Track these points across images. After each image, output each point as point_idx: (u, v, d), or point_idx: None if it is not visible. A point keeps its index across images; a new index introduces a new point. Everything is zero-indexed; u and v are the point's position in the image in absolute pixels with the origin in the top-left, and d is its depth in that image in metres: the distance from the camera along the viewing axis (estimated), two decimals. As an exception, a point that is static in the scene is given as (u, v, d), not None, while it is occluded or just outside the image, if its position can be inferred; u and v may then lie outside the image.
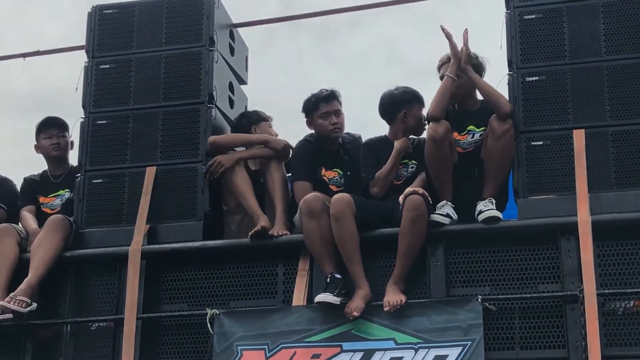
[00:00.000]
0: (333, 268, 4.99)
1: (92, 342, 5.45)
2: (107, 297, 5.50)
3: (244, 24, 6.66)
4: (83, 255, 5.59)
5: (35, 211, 6.00)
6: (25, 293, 5.24)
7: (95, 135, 5.89)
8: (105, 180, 5.79)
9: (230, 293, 5.34)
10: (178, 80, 5.88)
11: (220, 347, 5.03)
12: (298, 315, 4.99)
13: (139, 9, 6.06)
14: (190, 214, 5.59)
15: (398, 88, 5.64)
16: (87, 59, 6.07)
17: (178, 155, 5.74)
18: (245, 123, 6.01)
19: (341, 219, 4.98)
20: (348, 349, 4.86)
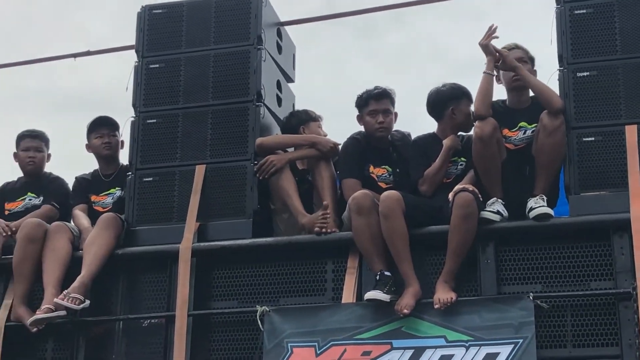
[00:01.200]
0: (382, 265, 4.98)
1: (144, 338, 5.52)
2: (158, 294, 5.55)
3: (291, 22, 6.67)
4: (134, 252, 5.65)
5: (87, 210, 6.07)
6: (79, 290, 5.31)
7: (145, 134, 5.94)
8: (156, 178, 5.84)
9: (279, 290, 5.36)
10: (226, 78, 5.91)
11: (271, 344, 5.06)
12: (348, 313, 4.99)
13: (188, 9, 6.10)
14: (240, 212, 5.63)
15: (445, 84, 5.62)
16: (136, 58, 6.12)
17: (227, 154, 5.77)
18: (294, 122, 6.02)
19: (390, 216, 4.97)
20: (398, 346, 4.86)
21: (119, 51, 6.96)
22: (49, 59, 7.36)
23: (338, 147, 5.75)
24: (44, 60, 7.38)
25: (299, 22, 6.86)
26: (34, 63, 7.41)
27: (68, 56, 7.21)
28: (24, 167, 6.33)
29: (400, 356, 4.84)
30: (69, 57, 7.19)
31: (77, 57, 7.14)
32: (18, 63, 7.46)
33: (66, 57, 7.21)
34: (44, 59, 7.38)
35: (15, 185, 6.35)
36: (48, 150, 6.40)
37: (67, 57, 7.21)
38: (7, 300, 5.66)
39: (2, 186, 6.38)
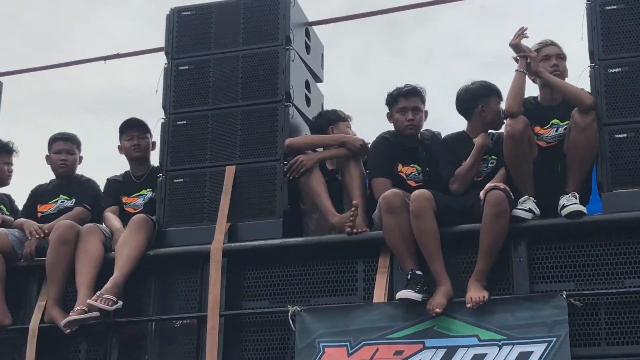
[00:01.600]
0: (414, 264, 4.98)
1: (176, 339, 5.54)
2: (190, 295, 5.57)
3: (319, 22, 6.67)
4: (166, 253, 5.68)
5: (118, 211, 6.11)
6: (112, 291, 5.34)
7: (175, 135, 5.97)
8: (186, 179, 5.87)
9: (310, 290, 5.36)
10: (255, 79, 5.93)
11: (303, 344, 5.06)
12: (379, 312, 4.99)
13: (217, 10, 6.13)
14: (270, 212, 5.64)
15: (474, 82, 5.61)
16: (166, 60, 6.16)
17: (257, 154, 5.79)
18: (323, 122, 6.02)
19: (421, 215, 4.96)
20: (430, 345, 4.85)
21: (149, 53, 6.99)
22: (80, 62, 7.42)
23: (367, 146, 5.74)
24: (75, 63, 7.44)
25: (327, 21, 6.86)
26: (65, 66, 7.47)
27: (99, 59, 7.26)
28: (56, 170, 6.38)
29: (432, 355, 4.83)
30: (100, 60, 7.25)
31: (107, 60, 7.20)
32: (50, 66, 7.53)
33: (97, 60, 7.27)
34: (75, 62, 7.44)
35: (48, 187, 6.41)
36: (80, 152, 6.46)
37: (97, 60, 7.27)
38: (41, 301, 5.70)
39: (35, 189, 6.44)
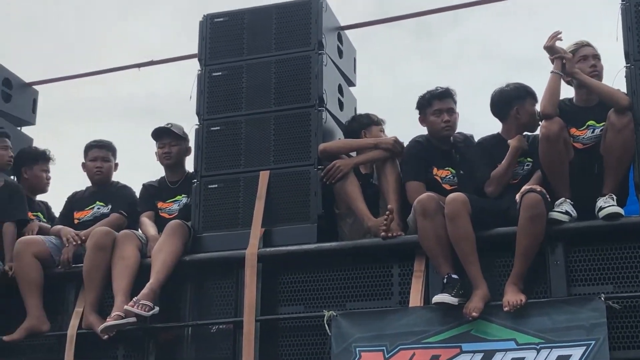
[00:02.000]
0: (450, 268, 4.96)
1: (213, 344, 5.57)
2: (225, 300, 5.59)
3: (351, 26, 6.67)
4: (201, 259, 5.70)
5: (154, 216, 6.14)
6: (148, 297, 5.37)
7: (209, 141, 6.00)
8: (221, 185, 5.89)
9: (346, 294, 5.36)
10: (288, 84, 5.95)
11: (339, 349, 5.05)
12: (415, 316, 4.97)
13: (249, 16, 6.16)
14: (304, 217, 5.65)
15: (509, 84, 5.58)
16: (199, 67, 6.19)
17: (290, 159, 5.80)
18: (356, 126, 6.02)
19: (456, 219, 4.94)
20: (468, 349, 4.82)
21: (182, 60, 7.03)
22: (115, 70, 7.48)
23: (401, 144, 5.72)
24: (109, 70, 7.50)
25: (358, 25, 6.85)
26: (100, 74, 7.53)
27: (133, 66, 7.32)
28: (91, 177, 6.44)
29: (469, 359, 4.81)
30: (134, 67, 7.31)
31: (142, 67, 7.25)
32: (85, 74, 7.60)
33: (131, 67, 7.33)
34: (109, 69, 7.50)
35: (84, 194, 6.46)
36: (115, 159, 6.51)
37: (132, 67, 7.33)
38: (78, 308, 5.75)
39: (71, 196, 6.50)
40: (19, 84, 7.29)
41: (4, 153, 6.41)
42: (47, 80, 7.59)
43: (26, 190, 6.56)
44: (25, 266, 5.83)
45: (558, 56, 5.21)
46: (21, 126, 7.31)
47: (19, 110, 7.27)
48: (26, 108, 7.36)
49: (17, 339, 5.75)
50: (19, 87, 7.28)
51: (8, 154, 6.44)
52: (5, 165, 6.46)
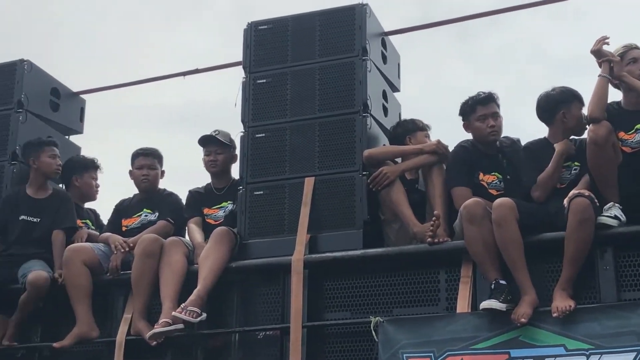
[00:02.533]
0: (497, 274, 4.92)
1: (260, 350, 5.59)
2: (272, 306, 5.61)
3: (395, 31, 6.67)
4: (248, 265, 5.73)
5: (201, 222, 6.18)
6: (195, 304, 5.41)
7: (254, 148, 6.03)
8: (266, 191, 5.92)
9: (392, 301, 5.35)
10: (333, 91, 5.96)
11: (386, 355, 5.04)
12: (463, 322, 4.94)
13: (293, 23, 6.18)
14: (350, 223, 5.65)
15: (555, 88, 5.53)
16: (244, 74, 6.23)
17: (335, 165, 5.82)
18: (401, 132, 6.01)
19: (504, 224, 4.91)
20: (516, 355, 4.78)
21: (226, 68, 7.08)
22: (161, 78, 7.54)
23: (444, 144, 5.70)
24: (155, 79, 7.57)
25: (402, 31, 6.83)
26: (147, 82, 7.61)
27: (178, 75, 7.38)
28: (138, 185, 6.50)
29: (518, 366, 4.77)
30: (179, 76, 7.37)
31: (187, 76, 7.31)
32: (132, 83, 7.66)
33: (176, 76, 7.39)
34: (155, 78, 7.56)
35: (132, 202, 6.53)
36: (162, 167, 6.57)
37: (177, 76, 7.39)
38: (127, 314, 5.81)
39: (119, 203, 6.57)
40: (66, 93, 7.37)
41: (52, 161, 6.50)
42: (94, 90, 7.68)
43: (75, 198, 6.67)
44: (75, 273, 5.90)
45: (606, 59, 5.16)
46: (69, 135, 7.39)
47: (67, 119, 7.35)
48: (74, 117, 7.45)
49: (67, 345, 5.82)
50: (66, 96, 7.36)
51: (56, 162, 6.53)
52: (54, 174, 6.55)
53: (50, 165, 6.49)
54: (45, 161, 6.47)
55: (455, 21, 7.10)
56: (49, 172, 6.50)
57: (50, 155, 6.49)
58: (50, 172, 6.51)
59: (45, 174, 6.50)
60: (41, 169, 6.48)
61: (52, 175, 6.55)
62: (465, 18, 7.06)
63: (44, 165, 6.47)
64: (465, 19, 7.08)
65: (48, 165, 6.49)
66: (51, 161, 6.49)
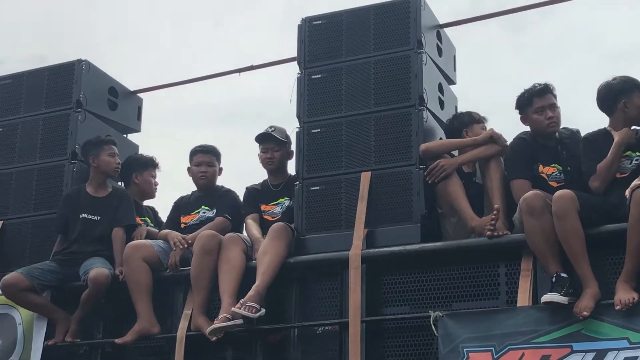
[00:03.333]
0: (558, 267, 4.86)
1: (319, 345, 5.60)
2: (330, 302, 5.61)
3: (450, 24, 6.61)
4: (305, 261, 5.74)
5: (258, 219, 6.20)
6: (254, 299, 5.43)
7: (310, 143, 6.04)
8: (323, 187, 5.92)
9: (451, 295, 5.32)
10: (388, 84, 5.93)
11: (446, 349, 5.01)
12: (524, 316, 4.89)
13: (347, 17, 6.17)
14: (407, 217, 5.63)
15: (615, 78, 5.45)
16: (298, 70, 6.23)
17: (392, 159, 5.79)
18: (457, 125, 5.97)
19: (565, 217, 4.84)
20: (579, 349, 4.71)
21: (281, 64, 7.09)
22: (216, 75, 7.57)
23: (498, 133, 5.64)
24: (211, 77, 7.59)
25: (457, 23, 6.77)
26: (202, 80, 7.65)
27: (233, 72, 7.40)
28: (197, 181, 6.56)
29: (581, 359, 4.70)
30: (235, 73, 7.40)
31: (242, 72, 7.34)
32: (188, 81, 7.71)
33: (232, 73, 7.42)
34: (211, 75, 7.59)
35: (190, 199, 6.59)
36: (220, 164, 6.62)
37: (232, 73, 7.41)
38: (187, 310, 5.85)
39: (177, 200, 6.64)
40: (124, 92, 7.46)
41: (111, 160, 6.58)
42: (151, 88, 7.74)
43: (135, 196, 6.75)
44: (135, 270, 5.97)
45: None
46: (127, 133, 7.48)
47: (125, 118, 7.44)
48: (131, 116, 7.53)
49: (128, 341, 5.89)
50: (124, 95, 7.45)
51: (115, 160, 6.61)
52: (113, 172, 6.63)
53: (109, 164, 6.57)
54: (104, 160, 6.56)
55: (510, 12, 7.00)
56: (109, 170, 6.58)
57: (110, 153, 6.57)
58: (109, 171, 6.59)
59: (105, 172, 6.58)
60: (101, 168, 6.56)
61: (111, 174, 6.63)
62: (519, 9, 6.95)
63: (104, 163, 6.55)
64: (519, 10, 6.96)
65: (107, 164, 6.57)
66: (110, 160, 6.57)
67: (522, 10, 6.95)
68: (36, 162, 6.90)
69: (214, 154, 6.59)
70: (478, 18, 6.82)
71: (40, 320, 6.27)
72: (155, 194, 6.96)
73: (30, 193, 6.84)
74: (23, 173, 6.93)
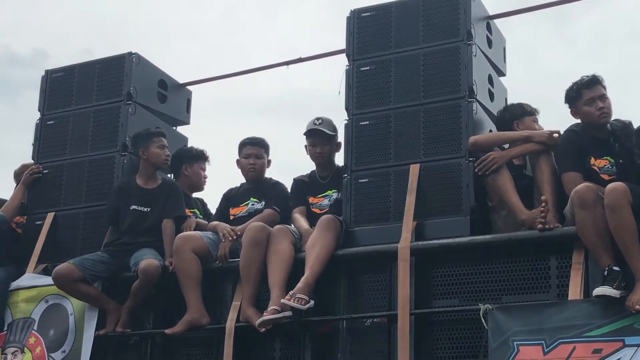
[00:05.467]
0: (610, 260, 4.80)
1: (367, 337, 5.60)
2: (379, 294, 5.61)
3: (500, 15, 6.55)
4: (354, 253, 5.74)
5: (306, 211, 6.22)
6: (303, 291, 5.44)
7: (359, 136, 6.03)
8: (371, 179, 5.91)
9: (501, 288, 5.28)
10: (437, 76, 5.90)
11: (496, 343, 4.97)
12: (575, 310, 4.83)
13: (396, 9, 6.15)
14: (456, 210, 5.60)
15: (669, 70, 5.36)
16: (347, 62, 6.23)
17: (441, 152, 5.76)
18: (508, 117, 5.91)
19: (617, 209, 4.77)
20: (631, 343, 4.65)
21: (330, 56, 7.08)
22: (265, 68, 7.58)
23: (556, 137, 5.58)
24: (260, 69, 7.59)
25: (507, 14, 6.69)
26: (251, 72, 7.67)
27: (281, 64, 7.40)
28: (245, 174, 6.59)
29: (633, 354, 4.63)
30: (283, 65, 7.41)
31: (290, 65, 7.35)
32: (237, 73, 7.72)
33: (280, 65, 7.43)
34: (260, 68, 7.60)
35: (239, 191, 6.62)
36: (268, 156, 6.64)
37: (280, 65, 7.42)
38: (236, 302, 5.88)
39: (227, 192, 6.67)
40: (173, 85, 7.52)
41: (160, 152, 6.64)
42: (200, 81, 7.78)
43: (184, 187, 6.81)
44: (185, 261, 6.01)
45: None
46: (176, 126, 7.54)
47: (174, 111, 7.50)
48: (181, 108, 7.59)
49: (178, 331, 5.94)
50: (173, 88, 7.51)
51: (165, 152, 6.66)
52: (163, 164, 6.69)
53: (159, 156, 6.62)
54: (154, 152, 6.61)
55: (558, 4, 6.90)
56: (158, 162, 6.64)
57: (159, 146, 6.63)
58: (159, 163, 6.64)
59: (155, 164, 6.64)
60: (150, 160, 6.62)
61: (161, 166, 6.69)
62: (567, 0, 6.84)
63: (153, 155, 6.61)
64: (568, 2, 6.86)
65: (157, 156, 6.62)
66: (160, 152, 6.63)
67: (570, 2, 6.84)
68: (87, 154, 6.99)
69: (262, 146, 6.62)
70: (526, 10, 6.73)
71: (91, 311, 6.35)
72: (204, 187, 7.02)
73: (82, 185, 6.93)
74: (74, 165, 7.02)
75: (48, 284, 6.50)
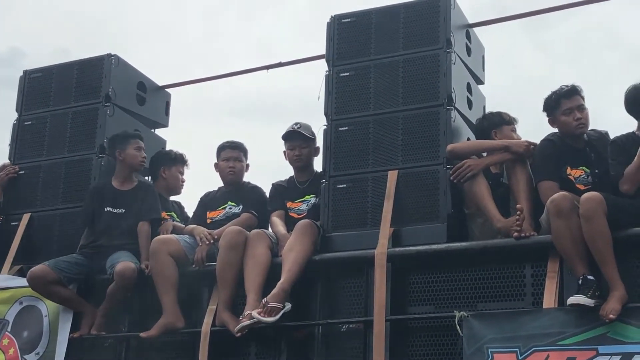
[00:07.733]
0: (585, 269, 4.84)
1: (343, 343, 5.60)
2: (355, 299, 5.61)
3: (479, 23, 6.59)
4: (331, 258, 5.74)
5: (284, 216, 6.21)
6: (278, 298, 5.43)
7: (337, 141, 6.04)
8: (349, 185, 5.92)
9: (477, 295, 5.29)
10: (416, 83, 5.92)
11: (471, 350, 4.99)
12: (550, 318, 4.87)
13: (376, 16, 6.17)
14: (434, 217, 5.62)
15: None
16: (327, 67, 6.24)
17: (419, 158, 5.78)
18: (486, 126, 5.95)
19: (592, 219, 4.81)
20: (605, 352, 4.69)
21: (310, 61, 7.09)
22: (244, 72, 7.58)
23: (533, 147, 5.62)
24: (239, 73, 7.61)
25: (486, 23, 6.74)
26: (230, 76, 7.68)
27: (261, 68, 7.41)
28: (224, 177, 6.58)
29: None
30: (262, 69, 7.41)
31: (270, 69, 7.35)
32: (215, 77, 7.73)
33: (259, 69, 7.44)
34: (239, 72, 7.61)
35: (216, 194, 6.61)
36: (247, 160, 6.64)
37: (260, 69, 7.43)
38: (212, 305, 5.86)
39: (204, 196, 6.66)
40: (152, 87, 7.50)
41: (137, 154, 6.62)
42: (179, 84, 7.77)
43: (161, 190, 6.80)
44: (161, 264, 5.99)
45: None
46: (155, 128, 7.52)
47: (153, 113, 7.48)
48: (159, 111, 7.57)
49: (154, 335, 5.92)
50: (152, 90, 7.49)
51: (141, 154, 6.64)
52: (139, 166, 6.67)
53: (135, 158, 6.60)
54: (130, 153, 6.59)
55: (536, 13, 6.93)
56: (134, 164, 6.62)
57: (136, 147, 6.61)
58: (135, 164, 6.62)
59: (131, 166, 6.62)
60: (127, 161, 6.60)
61: (137, 168, 6.67)
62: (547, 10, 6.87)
63: (129, 157, 6.59)
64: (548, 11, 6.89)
65: (133, 158, 6.60)
66: (136, 154, 6.61)
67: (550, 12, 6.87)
68: (65, 156, 6.95)
69: (241, 150, 6.62)
70: (506, 19, 6.78)
71: (66, 313, 6.32)
72: (181, 191, 7.02)
73: (59, 186, 6.90)
74: (51, 166, 6.99)
75: (23, 285, 6.46)
